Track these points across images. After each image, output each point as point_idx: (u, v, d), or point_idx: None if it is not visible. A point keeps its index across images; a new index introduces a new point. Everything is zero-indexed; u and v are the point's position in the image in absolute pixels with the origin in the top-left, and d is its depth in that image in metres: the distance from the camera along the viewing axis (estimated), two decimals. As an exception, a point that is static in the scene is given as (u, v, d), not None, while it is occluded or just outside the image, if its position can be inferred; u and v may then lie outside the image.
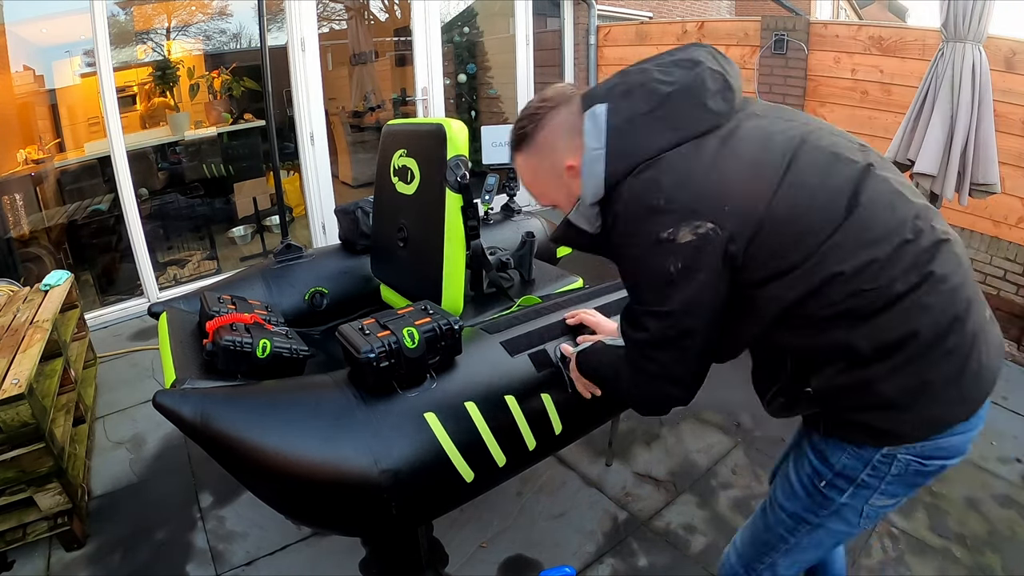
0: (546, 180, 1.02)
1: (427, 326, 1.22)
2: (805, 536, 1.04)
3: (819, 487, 0.98)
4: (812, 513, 1.01)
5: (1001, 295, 3.07)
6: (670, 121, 0.84)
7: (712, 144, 0.83)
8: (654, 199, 0.82)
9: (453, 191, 1.51)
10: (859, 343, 0.82)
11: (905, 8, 12.67)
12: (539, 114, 0.97)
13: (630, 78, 0.90)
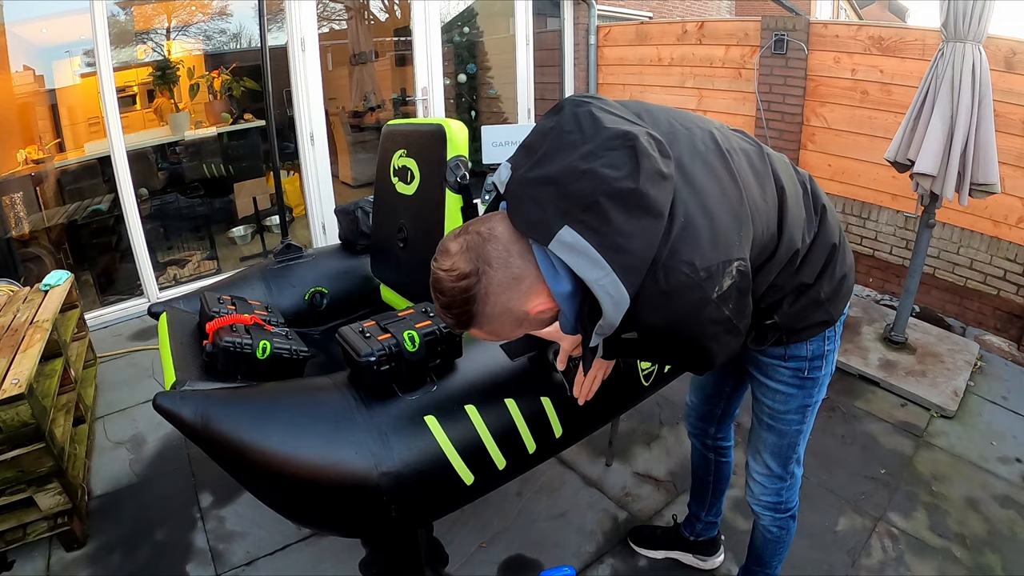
0: (511, 331, 0.91)
1: (428, 329, 1.22)
2: (810, 417, 1.29)
3: (804, 376, 1.21)
4: (809, 396, 1.24)
5: (1001, 295, 3.07)
6: (654, 210, 0.79)
7: (686, 198, 0.83)
8: (697, 276, 0.80)
9: (453, 191, 1.51)
10: (806, 278, 1.07)
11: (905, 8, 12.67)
12: (471, 293, 0.82)
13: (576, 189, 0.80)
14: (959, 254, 3.20)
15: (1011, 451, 2.23)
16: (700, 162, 0.88)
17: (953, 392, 2.53)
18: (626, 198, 0.77)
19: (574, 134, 0.84)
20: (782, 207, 0.99)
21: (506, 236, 0.84)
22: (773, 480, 1.37)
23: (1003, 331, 3.08)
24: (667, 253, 0.79)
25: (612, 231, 0.77)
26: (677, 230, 0.80)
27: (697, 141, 0.90)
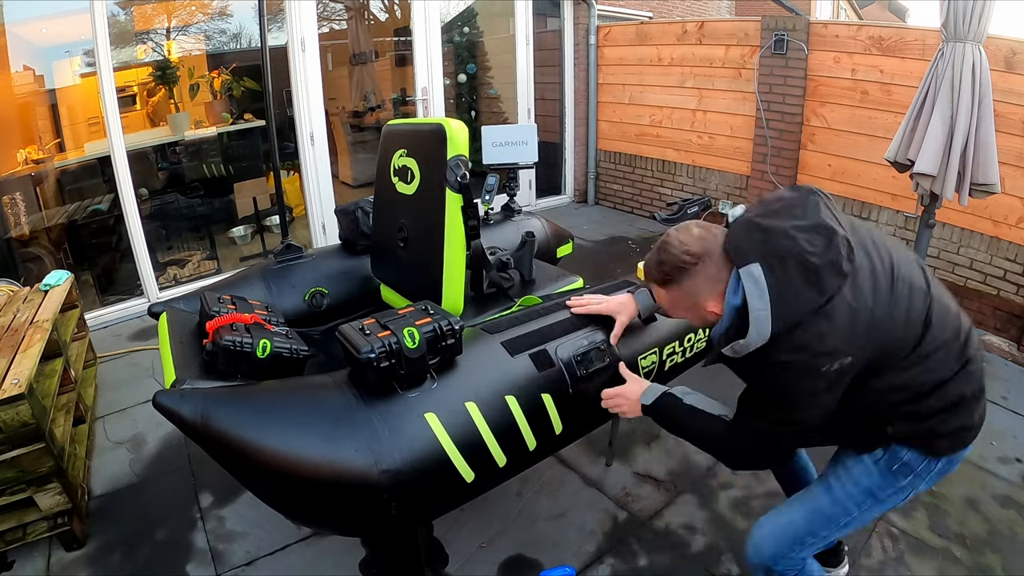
0: (683, 310, 1.21)
1: (427, 326, 1.22)
2: (868, 511, 1.25)
3: (892, 469, 1.21)
4: (881, 490, 1.22)
5: (1001, 295, 3.07)
6: (820, 289, 1.03)
7: (846, 296, 1.05)
8: (821, 347, 1.03)
9: (453, 191, 1.51)
10: (922, 409, 1.13)
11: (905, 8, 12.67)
12: (685, 268, 1.12)
13: (779, 243, 1.06)
14: (959, 254, 3.20)
15: (1011, 451, 2.22)
16: (870, 277, 1.08)
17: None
18: (807, 268, 1.03)
19: (798, 209, 1.09)
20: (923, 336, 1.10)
21: (723, 255, 1.11)
22: (784, 540, 1.28)
23: (1003, 331, 3.07)
24: (811, 321, 1.03)
25: (785, 284, 1.03)
26: (826, 310, 1.03)
27: (877, 262, 1.10)
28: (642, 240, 4.63)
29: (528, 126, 2.40)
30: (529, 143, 2.36)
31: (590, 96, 5.33)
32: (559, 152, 5.63)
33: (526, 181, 5.21)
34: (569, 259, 2.47)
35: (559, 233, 2.46)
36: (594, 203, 5.71)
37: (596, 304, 1.52)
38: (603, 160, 5.52)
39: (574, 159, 5.64)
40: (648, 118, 4.92)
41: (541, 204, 5.54)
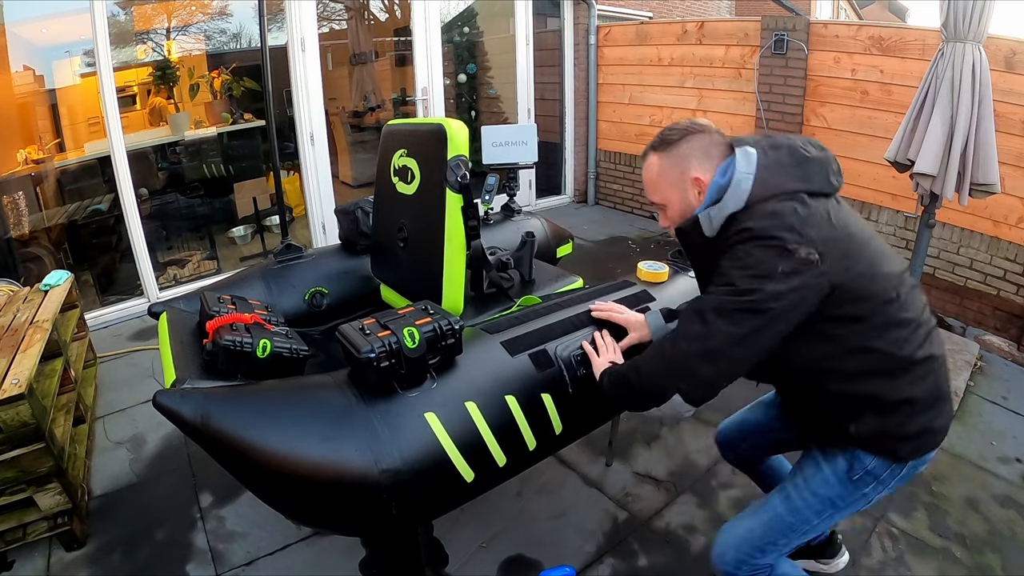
0: (667, 182, 1.20)
1: (427, 326, 1.22)
2: (827, 520, 1.24)
3: (852, 479, 1.19)
4: (842, 498, 1.21)
5: (1001, 295, 3.07)
6: (805, 177, 1.10)
7: (829, 204, 1.10)
8: (792, 220, 1.04)
9: (453, 191, 1.51)
10: (886, 395, 1.11)
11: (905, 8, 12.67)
12: (689, 132, 1.17)
13: (776, 139, 1.15)
14: (959, 254, 3.20)
15: (1011, 451, 2.22)
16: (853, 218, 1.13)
17: (953, 392, 2.52)
18: (798, 156, 1.10)
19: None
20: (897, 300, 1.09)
21: (725, 143, 1.17)
22: (745, 547, 1.26)
23: (1003, 331, 3.07)
24: (789, 198, 1.06)
25: (775, 162, 1.10)
26: (807, 200, 1.07)
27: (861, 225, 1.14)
28: (642, 240, 4.63)
29: (528, 126, 2.40)
30: (529, 143, 2.36)
31: (590, 96, 5.33)
32: (559, 152, 5.63)
33: (526, 181, 5.21)
34: (569, 259, 2.47)
35: (559, 233, 2.46)
36: (594, 203, 5.71)
37: (619, 314, 1.48)
38: (603, 160, 5.52)
39: (574, 159, 5.64)
40: (648, 118, 4.92)
41: (541, 204, 5.54)
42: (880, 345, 1.09)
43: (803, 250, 1.01)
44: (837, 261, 1.04)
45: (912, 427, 1.13)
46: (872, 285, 1.07)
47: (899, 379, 1.11)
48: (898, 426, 1.13)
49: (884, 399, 1.11)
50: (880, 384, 1.11)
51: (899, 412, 1.12)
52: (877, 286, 1.08)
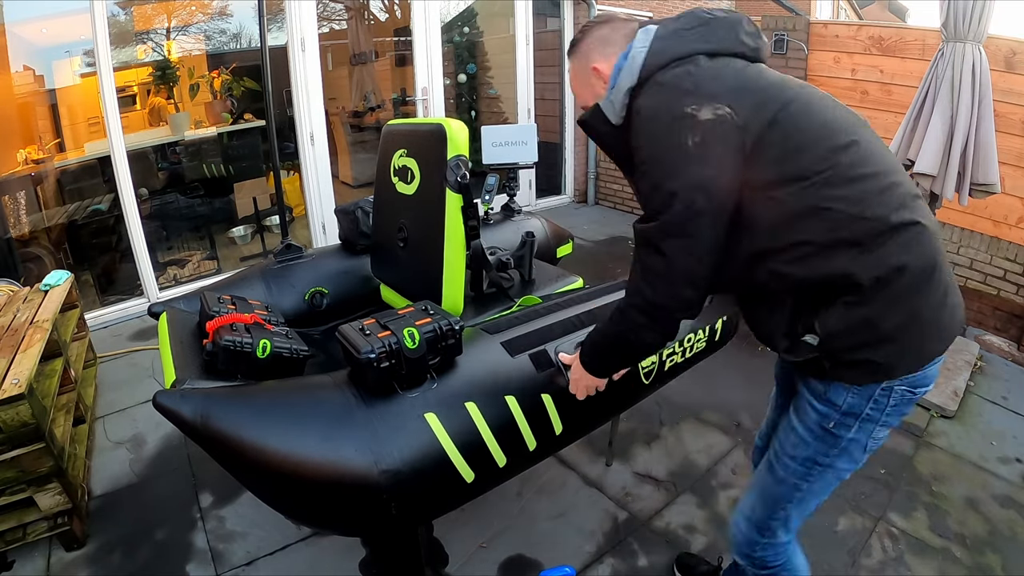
0: (580, 80, 1.15)
1: (427, 326, 1.22)
2: (817, 480, 1.13)
3: (828, 428, 1.07)
4: (823, 455, 1.10)
5: (1001, 295, 3.07)
6: (706, 37, 1.00)
7: (739, 63, 0.99)
8: (685, 83, 0.95)
9: (453, 191, 1.51)
10: (859, 273, 0.91)
11: (905, 8, 12.66)
12: (588, 26, 1.13)
13: (685, 13, 1.05)
14: (959, 254, 3.20)
15: (1011, 451, 2.22)
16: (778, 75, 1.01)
17: (953, 392, 2.53)
18: (703, 22, 1.01)
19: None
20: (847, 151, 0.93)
21: (631, 26, 1.08)
22: (750, 527, 1.22)
23: (1003, 331, 3.07)
24: (684, 62, 0.97)
25: (672, 30, 1.01)
26: (709, 61, 0.97)
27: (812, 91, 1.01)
28: (642, 240, 4.62)
29: (528, 126, 2.40)
30: (529, 143, 2.36)
31: (590, 96, 5.32)
32: (559, 152, 5.63)
33: (526, 181, 5.21)
34: (569, 259, 2.47)
35: (559, 233, 2.46)
36: (594, 203, 5.71)
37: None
38: (603, 160, 5.52)
39: (574, 159, 5.64)
40: (648, 118, 4.91)
41: (541, 204, 5.54)
42: (839, 206, 0.90)
43: (706, 109, 0.90)
44: (754, 111, 0.91)
45: (895, 318, 0.93)
46: (809, 132, 0.92)
47: (873, 250, 0.91)
48: (878, 318, 0.93)
49: (855, 279, 0.92)
50: (847, 258, 0.91)
51: (876, 297, 0.92)
52: (817, 132, 0.93)
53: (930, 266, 0.96)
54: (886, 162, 0.96)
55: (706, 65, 0.97)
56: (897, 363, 0.98)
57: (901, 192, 0.95)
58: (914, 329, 0.96)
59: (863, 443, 1.08)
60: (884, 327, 0.95)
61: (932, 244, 0.96)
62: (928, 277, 0.95)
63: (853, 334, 0.96)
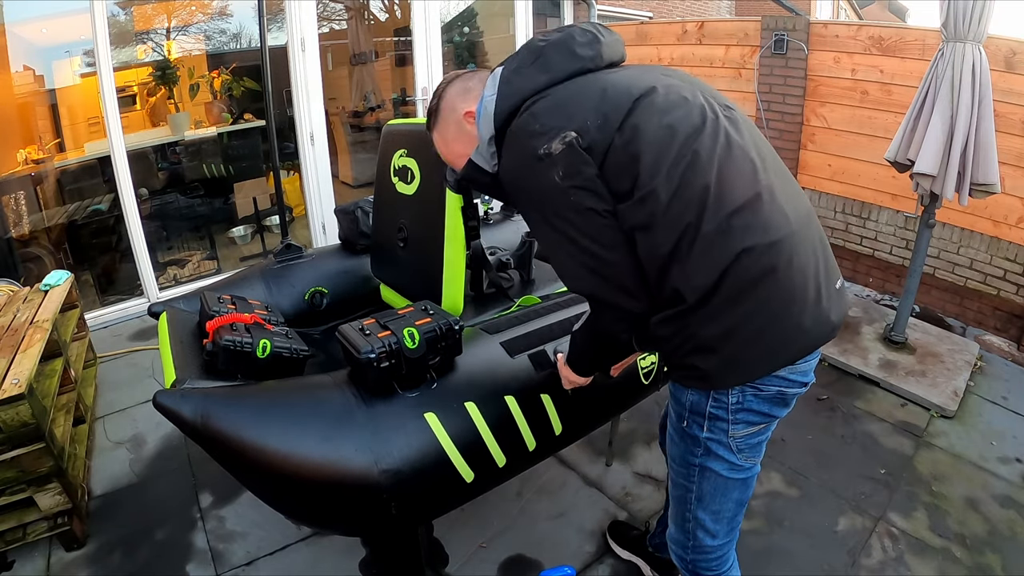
0: (454, 138, 1.13)
1: (427, 326, 1.23)
2: (703, 482, 1.10)
3: (683, 428, 1.08)
4: (691, 454, 1.09)
5: (1001, 295, 3.07)
6: (545, 68, 0.99)
7: (581, 80, 0.99)
8: (533, 126, 0.95)
9: (453, 191, 1.51)
10: (682, 286, 0.91)
11: (905, 8, 12.68)
12: (441, 88, 1.12)
13: (523, 46, 1.05)
14: (959, 254, 3.20)
15: (1011, 451, 2.22)
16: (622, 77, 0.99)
17: (953, 392, 2.53)
18: (537, 53, 1.01)
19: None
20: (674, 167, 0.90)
21: (483, 74, 1.09)
22: (674, 527, 1.21)
23: (1003, 331, 3.07)
24: (530, 103, 0.97)
25: (515, 71, 1.01)
26: (551, 92, 0.97)
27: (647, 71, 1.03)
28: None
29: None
30: (529, 143, 2.36)
31: (590, 96, 5.32)
32: (559, 152, 5.61)
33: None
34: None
35: (559, 233, 2.45)
36: (594, 203, 5.70)
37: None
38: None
39: (574, 159, 5.62)
40: (648, 118, 4.91)
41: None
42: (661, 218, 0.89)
43: (556, 143, 0.91)
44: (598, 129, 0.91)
45: (714, 329, 0.93)
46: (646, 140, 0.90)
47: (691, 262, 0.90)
48: (698, 327, 0.93)
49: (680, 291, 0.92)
50: (675, 271, 0.91)
51: (697, 309, 0.92)
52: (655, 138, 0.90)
53: (756, 278, 0.91)
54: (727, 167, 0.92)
55: (553, 96, 0.97)
56: (721, 373, 0.97)
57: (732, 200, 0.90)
58: (738, 342, 0.94)
59: (724, 443, 1.05)
60: (703, 336, 0.94)
61: (764, 258, 0.90)
62: (751, 290, 0.91)
63: (675, 341, 0.97)
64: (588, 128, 0.91)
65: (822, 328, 0.98)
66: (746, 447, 1.07)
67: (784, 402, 1.05)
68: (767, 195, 0.93)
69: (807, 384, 1.05)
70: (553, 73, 0.99)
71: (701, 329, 0.93)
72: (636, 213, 0.91)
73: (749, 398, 1.01)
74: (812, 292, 0.95)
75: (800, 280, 0.93)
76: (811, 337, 0.97)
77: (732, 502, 1.13)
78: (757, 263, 0.90)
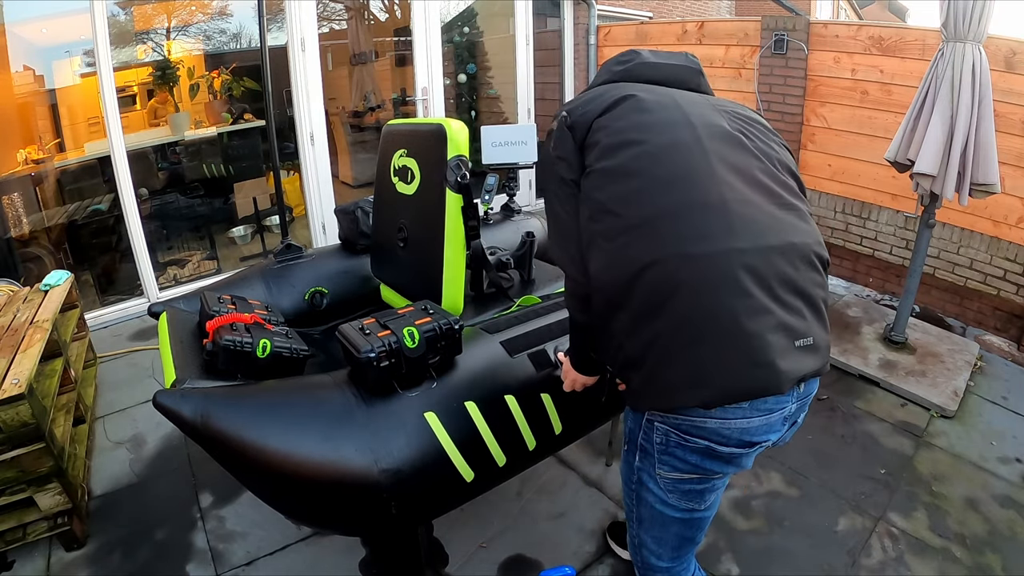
0: None
1: (427, 326, 1.23)
2: (640, 507, 1.11)
3: (624, 451, 1.10)
4: (630, 478, 1.11)
5: (1001, 295, 3.07)
6: (591, 82, 1.18)
7: (608, 86, 1.10)
8: (559, 111, 1.09)
9: (453, 191, 1.51)
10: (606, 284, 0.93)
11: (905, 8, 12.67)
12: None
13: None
14: (959, 254, 3.20)
15: (1011, 451, 2.22)
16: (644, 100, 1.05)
17: (953, 392, 2.53)
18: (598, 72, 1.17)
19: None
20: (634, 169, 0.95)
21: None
22: (629, 541, 1.21)
23: (1003, 331, 3.07)
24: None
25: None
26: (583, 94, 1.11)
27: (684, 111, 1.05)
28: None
29: (528, 126, 2.40)
30: (529, 143, 2.36)
31: (590, 96, 5.32)
32: (559, 152, 5.61)
33: (526, 181, 5.21)
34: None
35: (559, 233, 2.45)
36: (594, 203, 5.70)
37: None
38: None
39: (574, 159, 5.62)
40: (648, 118, 4.90)
41: (541, 204, 5.54)
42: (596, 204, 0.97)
43: (556, 122, 1.07)
44: (583, 114, 1.04)
45: (635, 343, 0.91)
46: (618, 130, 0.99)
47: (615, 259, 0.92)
48: (623, 336, 0.92)
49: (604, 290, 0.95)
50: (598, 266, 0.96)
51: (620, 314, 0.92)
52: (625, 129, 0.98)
53: (672, 289, 0.87)
54: (668, 170, 0.92)
55: (581, 95, 1.11)
56: (644, 391, 0.95)
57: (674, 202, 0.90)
58: (656, 358, 0.90)
59: (652, 477, 1.03)
60: (628, 350, 0.93)
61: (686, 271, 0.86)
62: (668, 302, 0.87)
63: (611, 351, 0.97)
64: (576, 112, 1.05)
65: (760, 371, 0.86)
66: (676, 490, 1.03)
67: (722, 459, 0.96)
68: (715, 207, 0.89)
69: (754, 444, 0.95)
70: (593, 82, 1.17)
71: (626, 341, 0.93)
72: (584, 187, 1.01)
73: (673, 443, 0.98)
74: (750, 326, 0.85)
75: (733, 308, 0.85)
76: (743, 378, 0.86)
77: (672, 534, 1.11)
78: (672, 274, 0.87)
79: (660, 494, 1.05)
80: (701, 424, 0.93)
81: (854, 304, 3.36)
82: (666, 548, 1.13)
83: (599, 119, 1.01)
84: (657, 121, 0.98)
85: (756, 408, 0.91)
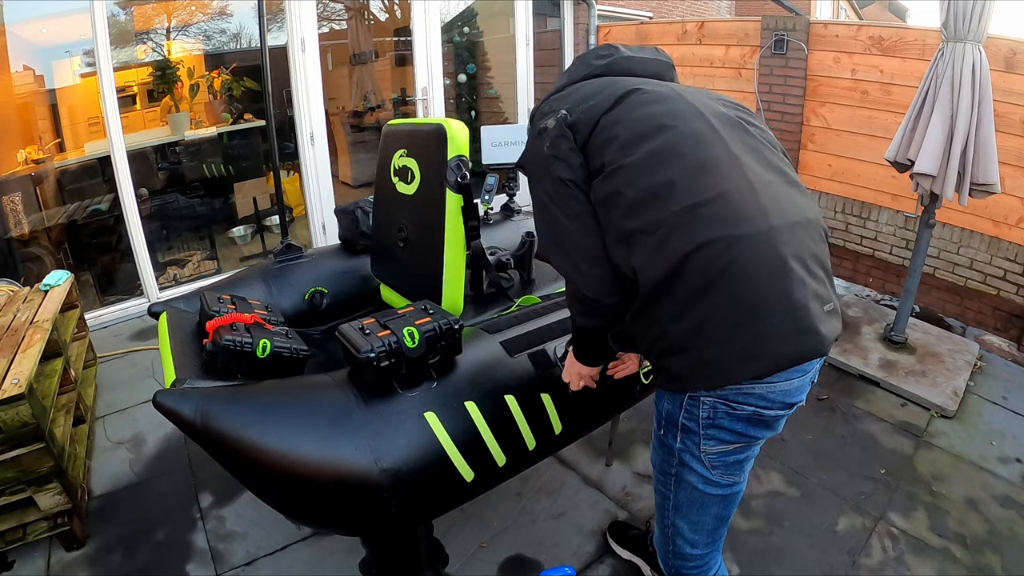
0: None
1: (427, 326, 1.23)
2: (679, 491, 1.12)
3: (660, 436, 1.11)
4: (667, 463, 1.11)
5: (1001, 295, 3.07)
6: (568, 75, 1.17)
7: (594, 81, 1.11)
8: (544, 109, 1.11)
9: (453, 191, 1.51)
10: (638, 265, 0.93)
11: (905, 8, 12.67)
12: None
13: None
14: (959, 254, 3.20)
15: (1011, 451, 2.22)
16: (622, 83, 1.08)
17: (953, 392, 2.53)
18: (566, 69, 1.19)
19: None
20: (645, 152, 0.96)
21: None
22: (659, 533, 1.24)
23: (1003, 331, 3.07)
24: (548, 96, 1.15)
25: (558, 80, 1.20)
26: (567, 90, 1.12)
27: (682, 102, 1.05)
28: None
29: (528, 126, 2.40)
30: (529, 143, 2.36)
31: (590, 96, 5.32)
32: (559, 152, 5.61)
33: (526, 181, 5.20)
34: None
35: (559, 233, 2.45)
36: (594, 203, 5.70)
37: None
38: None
39: (574, 159, 5.62)
40: (648, 118, 4.91)
41: (541, 204, 5.53)
42: (626, 196, 0.94)
43: (550, 120, 1.05)
44: (584, 112, 1.03)
45: (681, 327, 0.92)
46: (627, 124, 0.99)
47: (658, 245, 0.91)
48: (666, 322, 0.93)
49: (642, 276, 0.93)
50: (639, 252, 0.93)
51: (663, 300, 0.92)
52: (634, 123, 0.98)
53: (721, 270, 0.88)
54: (696, 157, 0.94)
55: (566, 90, 1.11)
56: (694, 374, 0.95)
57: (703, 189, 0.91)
58: (708, 340, 0.91)
59: (697, 456, 1.05)
60: (673, 335, 0.93)
61: (730, 252, 0.88)
62: (717, 283, 0.88)
63: (647, 339, 0.98)
64: (577, 109, 1.04)
65: (808, 338, 0.92)
66: (720, 464, 1.06)
67: (765, 423, 1.01)
68: (746, 189, 0.93)
69: (792, 405, 1.01)
70: (570, 77, 1.16)
71: (671, 326, 0.92)
72: (604, 186, 0.98)
73: (721, 415, 1.00)
74: (797, 296, 0.90)
75: (781, 282, 0.90)
76: (794, 345, 0.92)
77: (711, 516, 1.13)
78: (721, 255, 0.88)
79: (704, 472, 1.06)
80: (748, 391, 0.97)
81: (854, 304, 3.36)
82: (702, 533, 1.15)
83: (607, 115, 1.01)
84: (670, 111, 1.00)
85: (797, 370, 0.97)
